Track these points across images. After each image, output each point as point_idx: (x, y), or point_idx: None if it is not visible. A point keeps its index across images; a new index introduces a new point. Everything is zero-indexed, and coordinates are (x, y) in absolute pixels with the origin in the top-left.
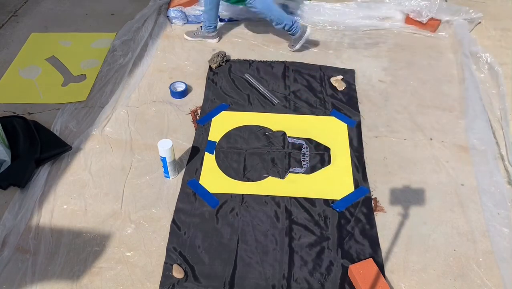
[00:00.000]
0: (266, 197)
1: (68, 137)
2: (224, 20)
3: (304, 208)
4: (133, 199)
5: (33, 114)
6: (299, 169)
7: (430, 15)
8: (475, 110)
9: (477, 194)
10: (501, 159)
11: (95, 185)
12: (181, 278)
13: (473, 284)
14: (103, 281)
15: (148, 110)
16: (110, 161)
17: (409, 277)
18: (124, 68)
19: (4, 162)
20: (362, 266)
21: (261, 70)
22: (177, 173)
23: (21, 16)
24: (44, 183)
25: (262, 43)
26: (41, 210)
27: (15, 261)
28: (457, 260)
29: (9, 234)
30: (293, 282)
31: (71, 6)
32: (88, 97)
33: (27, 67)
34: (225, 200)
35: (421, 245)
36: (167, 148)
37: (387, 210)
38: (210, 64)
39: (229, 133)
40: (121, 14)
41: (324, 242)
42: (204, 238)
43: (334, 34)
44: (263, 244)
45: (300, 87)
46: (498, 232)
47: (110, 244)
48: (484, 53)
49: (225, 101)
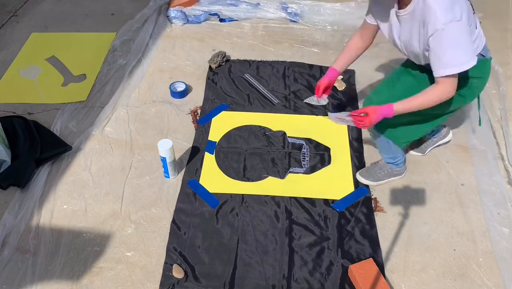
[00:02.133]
0: (266, 197)
1: (68, 137)
2: (224, 20)
3: (304, 208)
4: (133, 199)
5: (33, 114)
6: (299, 169)
7: None
8: (475, 110)
9: (477, 194)
10: (501, 159)
11: (95, 185)
12: (181, 278)
13: (473, 284)
14: (103, 281)
15: (148, 110)
16: (110, 161)
17: (409, 277)
18: (124, 68)
19: (4, 162)
20: (362, 266)
21: (261, 70)
22: (177, 173)
23: (21, 16)
24: (44, 183)
25: (262, 43)
26: (41, 210)
27: (15, 261)
28: (457, 260)
29: (9, 234)
30: (293, 282)
31: (71, 6)
32: (88, 97)
33: (27, 67)
34: (225, 200)
35: (421, 245)
36: (167, 147)
37: (387, 210)
38: (210, 64)
39: (229, 133)
40: (121, 14)
41: (324, 242)
42: (204, 238)
43: (334, 34)
44: (263, 244)
45: (300, 87)
46: (498, 232)
47: (110, 244)
48: None
49: (225, 101)
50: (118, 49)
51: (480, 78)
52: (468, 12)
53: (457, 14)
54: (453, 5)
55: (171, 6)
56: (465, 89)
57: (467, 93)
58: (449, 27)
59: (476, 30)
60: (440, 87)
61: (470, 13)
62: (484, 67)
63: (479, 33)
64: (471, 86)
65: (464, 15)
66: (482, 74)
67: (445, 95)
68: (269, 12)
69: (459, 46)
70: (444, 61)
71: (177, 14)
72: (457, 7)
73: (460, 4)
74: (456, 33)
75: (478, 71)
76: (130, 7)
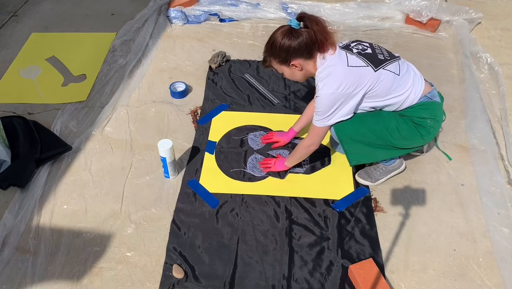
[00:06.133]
0: (266, 197)
1: (68, 138)
2: (224, 20)
3: (304, 208)
4: (133, 199)
5: (33, 114)
6: (299, 169)
7: (430, 15)
8: (475, 110)
9: (477, 194)
10: (501, 159)
11: (95, 185)
12: (181, 278)
13: (473, 284)
14: (103, 281)
15: (148, 110)
16: (110, 161)
17: (409, 277)
18: (124, 68)
19: (4, 162)
20: (362, 266)
21: (261, 70)
22: (177, 173)
23: (21, 16)
24: (44, 183)
25: (262, 43)
26: (41, 210)
27: (15, 261)
28: (457, 260)
29: (9, 234)
30: (293, 282)
31: (71, 6)
32: (88, 97)
33: (27, 68)
34: (225, 200)
35: (421, 245)
36: (167, 148)
37: (387, 210)
38: (210, 64)
39: (229, 133)
40: (121, 14)
41: (324, 242)
42: (204, 238)
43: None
44: (263, 244)
45: (300, 87)
46: (498, 232)
47: (110, 244)
48: (484, 53)
49: (225, 101)
50: (118, 49)
51: (433, 119)
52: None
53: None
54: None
55: (171, 6)
56: (420, 128)
57: (423, 131)
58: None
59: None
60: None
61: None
62: (434, 108)
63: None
64: (425, 126)
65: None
66: (433, 114)
67: (313, 140)
68: (269, 12)
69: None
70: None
71: (177, 14)
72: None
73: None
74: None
75: (428, 112)
76: (130, 7)
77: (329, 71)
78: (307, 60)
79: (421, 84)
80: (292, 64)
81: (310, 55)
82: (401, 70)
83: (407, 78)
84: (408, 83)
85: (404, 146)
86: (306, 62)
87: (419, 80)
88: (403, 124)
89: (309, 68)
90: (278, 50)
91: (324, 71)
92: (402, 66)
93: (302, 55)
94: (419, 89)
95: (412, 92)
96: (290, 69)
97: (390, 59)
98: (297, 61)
